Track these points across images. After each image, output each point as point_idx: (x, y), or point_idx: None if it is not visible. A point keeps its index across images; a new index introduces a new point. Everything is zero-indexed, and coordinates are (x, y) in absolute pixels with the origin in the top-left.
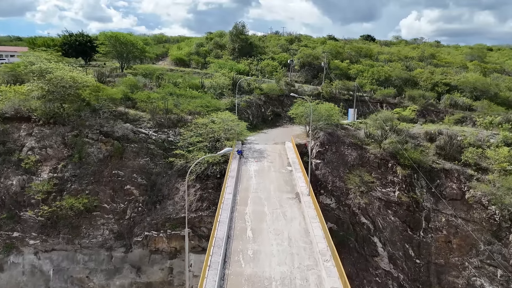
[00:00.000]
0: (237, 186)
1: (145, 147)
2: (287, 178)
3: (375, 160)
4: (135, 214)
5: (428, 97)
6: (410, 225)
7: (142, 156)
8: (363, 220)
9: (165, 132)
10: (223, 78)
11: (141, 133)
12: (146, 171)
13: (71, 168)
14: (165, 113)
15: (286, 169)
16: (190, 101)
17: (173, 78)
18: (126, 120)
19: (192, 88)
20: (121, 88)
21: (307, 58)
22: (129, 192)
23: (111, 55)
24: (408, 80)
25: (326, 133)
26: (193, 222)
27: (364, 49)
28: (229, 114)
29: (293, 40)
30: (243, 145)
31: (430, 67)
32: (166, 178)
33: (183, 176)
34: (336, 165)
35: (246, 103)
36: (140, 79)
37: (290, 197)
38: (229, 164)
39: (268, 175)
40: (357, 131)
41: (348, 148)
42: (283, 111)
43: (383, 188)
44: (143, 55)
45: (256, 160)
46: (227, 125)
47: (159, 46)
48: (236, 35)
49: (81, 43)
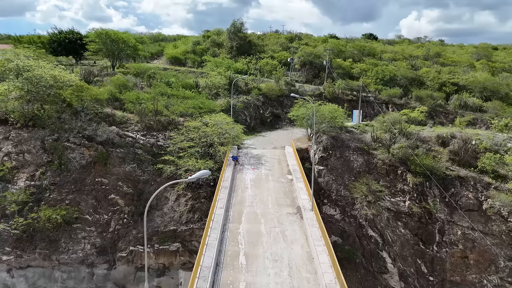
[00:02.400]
0: (230, 198)
1: (132, 152)
2: (287, 188)
3: (383, 167)
4: (120, 226)
5: (436, 98)
6: (422, 239)
7: (129, 162)
8: (370, 233)
9: (154, 135)
10: (219, 78)
11: (128, 136)
12: (133, 179)
13: (50, 175)
14: (154, 115)
15: (286, 178)
16: (182, 102)
17: (165, 77)
18: (112, 122)
19: (186, 88)
20: (108, 88)
21: (308, 57)
22: (113, 202)
23: (101, 53)
24: (414, 80)
25: (330, 137)
26: (184, 235)
27: (367, 48)
28: (224, 116)
29: (293, 38)
30: (239, 150)
31: (437, 66)
32: (154, 186)
33: (174, 184)
34: (341, 172)
35: (243, 104)
36: (130, 78)
37: (290, 212)
38: (222, 172)
39: (266, 185)
40: (363, 134)
41: (354, 153)
42: (282, 112)
43: (392, 197)
44: (135, 53)
45: (253, 167)
46: (221, 128)
47: (155, 45)
48: (234, 33)
49: (71, 41)
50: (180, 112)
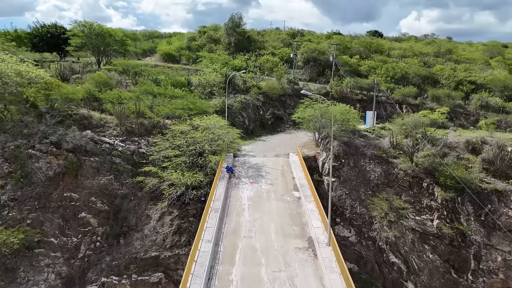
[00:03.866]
0: (221, 226)
1: (108, 161)
2: (294, 211)
3: (405, 178)
4: (91, 251)
5: (455, 97)
6: (454, 266)
7: (104, 174)
8: (392, 259)
9: (136, 141)
10: (214, 75)
11: (104, 142)
12: (109, 193)
13: (11, 189)
14: (136, 117)
15: (292, 195)
16: (169, 101)
17: (154, 74)
18: (87, 126)
19: (177, 86)
20: (86, 86)
21: (312, 53)
22: (84, 222)
23: (86, 48)
24: (427, 78)
25: (341, 143)
26: (167, 263)
27: (374, 44)
28: (218, 119)
29: (295, 34)
30: (235, 159)
31: (451, 64)
32: (134, 202)
33: (157, 199)
34: (356, 185)
35: (241, 104)
36: (114, 75)
37: (300, 246)
38: (213, 188)
39: (268, 206)
40: (379, 139)
41: (370, 162)
42: (285, 113)
43: (417, 215)
44: (123, 48)
45: (251, 180)
46: (214, 133)
47: (148, 42)
48: (232, 28)
49: (54, 36)
50: (166, 113)
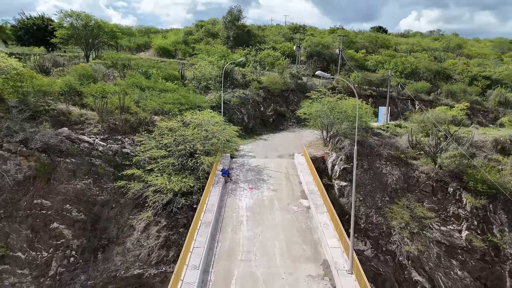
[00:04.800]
0: (213, 245)
1: (86, 162)
2: (303, 224)
3: (427, 183)
4: (64, 268)
5: (471, 93)
6: (487, 284)
7: (81, 177)
8: (415, 277)
9: (119, 140)
10: (210, 68)
11: (83, 141)
12: (86, 200)
13: None
14: (120, 113)
15: (299, 204)
16: (158, 95)
17: (144, 67)
18: (65, 122)
19: (169, 80)
20: (67, 79)
21: (316, 47)
22: (57, 234)
23: (73, 40)
24: (439, 73)
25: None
26: (153, 283)
27: (380, 39)
28: (212, 114)
29: (297, 29)
30: (232, 160)
31: (462, 59)
32: (116, 209)
33: (143, 206)
34: (371, 190)
35: (240, 99)
36: (100, 68)
37: (314, 274)
38: (204, 196)
39: (271, 219)
40: (395, 138)
41: (387, 164)
42: (288, 110)
43: (442, 225)
44: (114, 41)
45: (250, 186)
46: (207, 131)
47: (143, 36)
48: (231, 22)
49: (40, 28)
50: (153, 108)
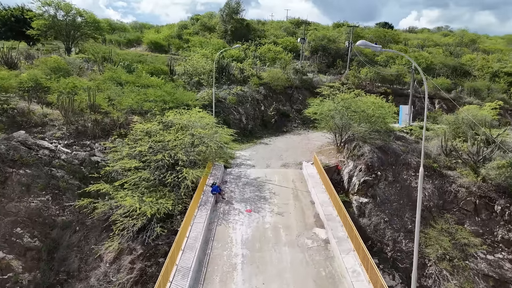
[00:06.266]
0: None
1: (45, 174)
2: (321, 269)
3: (469, 199)
4: None
5: (496, 91)
6: None
7: (37, 193)
8: None
9: (87, 146)
10: (203, 61)
11: (42, 147)
12: (42, 222)
13: None
14: (89, 112)
15: (313, 236)
16: (138, 92)
17: (127, 60)
18: (24, 124)
19: (156, 74)
20: (33, 72)
21: (321, 41)
22: (2, 265)
23: (52, 32)
24: (456, 69)
25: (375, 148)
26: None
27: (389, 34)
28: (201, 114)
29: (300, 23)
30: (226, 171)
31: (480, 54)
32: (80, 234)
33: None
34: (398, 208)
35: (237, 97)
36: (75, 60)
37: None
38: (185, 223)
39: (276, 261)
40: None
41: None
42: (292, 109)
43: (489, 253)
44: (98, 33)
45: (248, 208)
46: (194, 134)
47: (136, 32)
48: (229, 15)
49: (19, 20)
50: (130, 106)
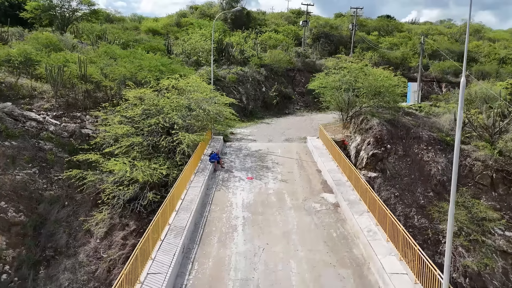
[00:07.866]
0: (185, 267)
1: (32, 146)
2: (332, 231)
3: (485, 173)
4: None
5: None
6: None
7: (23, 165)
8: None
9: (78, 118)
10: (202, 41)
11: (30, 119)
12: (29, 196)
13: None
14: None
15: (321, 200)
16: (132, 62)
17: (122, 37)
18: (13, 98)
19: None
20: (23, 47)
21: (323, 28)
22: None
23: (46, 16)
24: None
25: (384, 121)
26: None
27: (392, 23)
28: (198, 82)
29: (301, 13)
30: (225, 144)
31: (486, 42)
32: (69, 209)
33: (104, 203)
34: (409, 183)
35: (238, 76)
36: (68, 37)
37: None
38: (179, 185)
39: (281, 223)
40: (432, 118)
41: (428, 149)
42: (294, 92)
43: (508, 229)
44: (95, 17)
45: (249, 175)
46: (191, 99)
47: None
48: (229, 3)
49: (13, 5)
50: (123, 76)
